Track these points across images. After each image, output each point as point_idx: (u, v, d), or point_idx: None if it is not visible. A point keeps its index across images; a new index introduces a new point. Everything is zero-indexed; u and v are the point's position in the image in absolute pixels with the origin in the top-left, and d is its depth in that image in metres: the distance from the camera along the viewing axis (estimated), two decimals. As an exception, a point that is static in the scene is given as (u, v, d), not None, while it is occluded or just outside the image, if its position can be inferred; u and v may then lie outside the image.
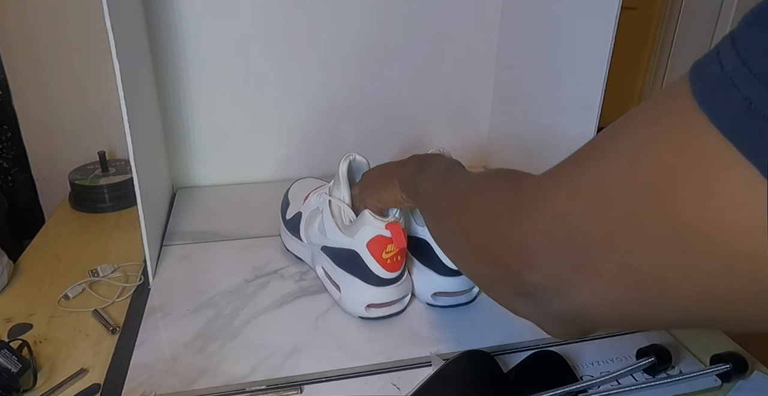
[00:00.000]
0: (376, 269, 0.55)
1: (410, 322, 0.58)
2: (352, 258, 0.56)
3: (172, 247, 0.72)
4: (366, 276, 0.56)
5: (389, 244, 0.54)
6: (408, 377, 0.51)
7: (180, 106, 0.86)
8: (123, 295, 0.63)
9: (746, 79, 0.19)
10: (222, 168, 0.92)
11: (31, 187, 0.93)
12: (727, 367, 0.50)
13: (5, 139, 0.89)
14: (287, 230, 0.69)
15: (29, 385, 0.49)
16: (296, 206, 0.68)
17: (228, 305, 0.60)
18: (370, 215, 0.54)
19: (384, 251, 0.54)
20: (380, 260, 0.55)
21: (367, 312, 0.57)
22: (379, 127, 0.94)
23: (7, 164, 0.91)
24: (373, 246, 0.55)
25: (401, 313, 0.59)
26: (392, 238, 0.54)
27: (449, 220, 0.40)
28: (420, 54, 0.91)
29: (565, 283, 0.27)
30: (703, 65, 0.21)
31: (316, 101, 0.91)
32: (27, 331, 0.57)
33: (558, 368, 0.51)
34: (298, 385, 0.49)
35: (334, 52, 0.88)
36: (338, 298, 0.59)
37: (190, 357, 0.52)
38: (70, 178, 0.85)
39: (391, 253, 0.55)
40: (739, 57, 0.19)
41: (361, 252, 0.55)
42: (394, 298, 0.57)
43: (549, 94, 0.79)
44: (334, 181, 0.60)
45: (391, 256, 0.55)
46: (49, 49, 0.85)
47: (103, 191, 0.83)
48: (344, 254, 0.57)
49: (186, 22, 0.81)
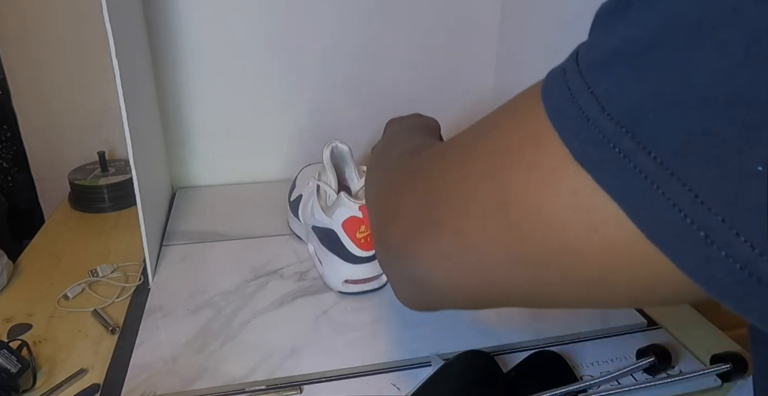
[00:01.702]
0: (352, 248, 0.59)
1: (410, 322, 0.58)
2: (332, 237, 0.60)
3: (171, 247, 0.72)
4: (343, 254, 0.59)
5: (362, 225, 0.58)
6: (408, 377, 0.51)
7: (180, 106, 0.86)
8: (123, 295, 0.63)
9: (573, 73, 0.21)
10: (222, 168, 0.92)
11: (31, 187, 0.93)
12: (727, 367, 0.50)
13: (5, 139, 0.89)
14: (290, 211, 0.74)
15: (29, 385, 0.49)
16: (300, 189, 0.73)
17: (228, 305, 0.60)
18: (345, 197, 0.58)
19: (358, 231, 0.58)
20: (355, 240, 0.58)
21: (345, 287, 0.60)
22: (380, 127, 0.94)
23: (6, 164, 0.91)
24: (347, 226, 0.58)
25: (380, 289, 0.62)
26: (364, 219, 0.58)
27: (370, 186, 0.44)
28: (421, 54, 0.91)
29: (414, 243, 0.29)
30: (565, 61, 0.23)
31: (316, 101, 0.91)
32: (26, 331, 0.57)
33: (558, 368, 0.51)
34: (298, 385, 0.49)
35: (335, 52, 0.88)
36: (321, 274, 0.63)
37: (190, 357, 0.52)
38: (70, 178, 0.85)
39: (365, 233, 0.58)
40: (576, 52, 0.22)
41: (338, 231, 0.59)
42: (370, 276, 0.60)
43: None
44: (322, 167, 0.66)
45: (365, 236, 0.58)
46: (48, 50, 0.85)
47: (103, 191, 0.83)
48: (326, 233, 0.61)
49: (186, 22, 0.81)
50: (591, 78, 0.20)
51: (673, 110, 0.17)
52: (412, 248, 0.29)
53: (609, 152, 0.19)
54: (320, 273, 0.64)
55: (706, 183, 0.17)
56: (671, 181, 0.17)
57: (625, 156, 0.18)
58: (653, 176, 0.18)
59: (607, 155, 0.19)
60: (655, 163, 0.17)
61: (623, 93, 0.19)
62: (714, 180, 0.16)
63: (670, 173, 0.17)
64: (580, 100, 0.20)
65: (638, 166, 0.18)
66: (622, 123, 0.18)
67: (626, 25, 0.19)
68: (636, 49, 0.18)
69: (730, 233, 0.16)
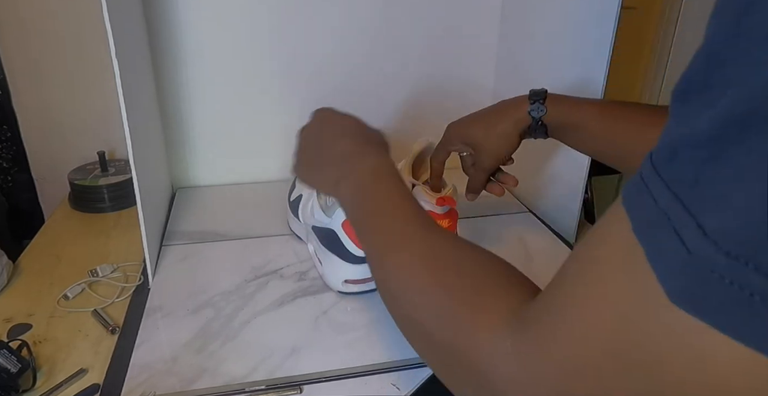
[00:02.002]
0: (352, 248, 0.59)
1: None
2: (332, 237, 0.60)
3: (171, 247, 0.72)
4: (343, 254, 0.59)
5: None
6: (408, 377, 0.50)
7: (180, 106, 0.86)
8: (122, 295, 0.63)
9: (685, 223, 0.18)
10: (222, 168, 0.92)
11: (31, 187, 0.93)
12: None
13: (5, 140, 0.89)
14: (290, 211, 0.73)
15: (29, 385, 0.49)
16: (299, 189, 0.73)
17: (228, 305, 0.60)
18: None
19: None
20: (354, 240, 0.58)
21: (345, 287, 0.60)
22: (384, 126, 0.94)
23: (6, 164, 0.91)
24: (347, 226, 0.58)
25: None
26: None
27: (415, 286, 0.36)
28: (421, 55, 0.91)
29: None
30: (636, 195, 0.21)
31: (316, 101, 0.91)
32: (26, 331, 0.57)
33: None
34: (298, 385, 0.49)
35: (334, 53, 0.88)
36: (321, 274, 0.63)
37: (190, 357, 0.52)
38: (70, 178, 0.85)
39: None
40: (670, 190, 0.19)
41: (338, 231, 0.59)
42: (369, 275, 0.59)
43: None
44: None
45: None
46: (48, 50, 0.85)
47: (103, 191, 0.83)
48: (326, 233, 0.61)
49: (186, 22, 0.81)
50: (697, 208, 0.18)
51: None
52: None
53: (730, 293, 0.17)
54: (320, 273, 0.64)
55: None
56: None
57: (752, 294, 0.16)
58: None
59: (726, 298, 0.17)
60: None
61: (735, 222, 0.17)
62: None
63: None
64: (688, 238, 0.18)
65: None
66: (741, 255, 0.17)
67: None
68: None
69: None
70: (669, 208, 0.19)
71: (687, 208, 0.18)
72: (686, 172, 0.19)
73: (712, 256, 0.17)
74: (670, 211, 0.19)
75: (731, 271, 0.17)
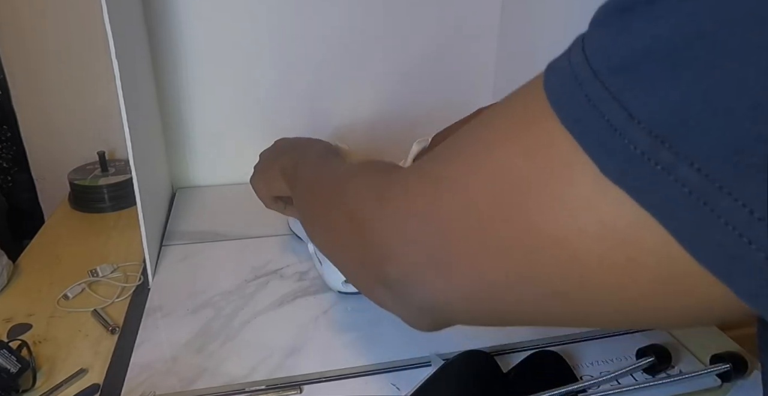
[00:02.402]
0: None
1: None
2: None
3: (171, 247, 0.72)
4: None
5: None
6: (408, 377, 0.51)
7: (180, 106, 0.86)
8: (122, 295, 0.63)
9: (589, 79, 0.18)
10: (222, 168, 0.92)
11: (31, 187, 0.93)
12: (727, 367, 0.50)
13: (5, 139, 0.89)
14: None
15: (28, 385, 0.49)
16: None
17: (227, 305, 0.60)
18: None
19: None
20: None
21: (345, 287, 0.60)
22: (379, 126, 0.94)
23: (6, 164, 0.91)
24: None
25: None
26: None
27: (318, 211, 0.41)
28: (421, 55, 0.91)
29: (420, 278, 0.27)
30: (556, 62, 0.21)
31: (315, 101, 0.91)
32: (26, 331, 0.57)
33: (558, 368, 0.51)
34: (298, 385, 0.49)
35: (334, 53, 0.88)
36: (321, 274, 0.63)
37: (190, 357, 0.52)
38: (70, 178, 0.85)
39: None
40: (584, 53, 0.19)
41: None
42: None
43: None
44: None
45: None
46: (48, 50, 0.85)
47: (103, 191, 0.83)
48: None
49: (185, 22, 0.81)
50: (615, 83, 0.18)
51: (721, 116, 0.15)
52: (420, 280, 0.28)
53: (645, 167, 0.17)
54: (320, 273, 0.64)
55: (762, 197, 0.15)
56: (721, 195, 0.15)
57: (663, 168, 0.16)
58: (699, 192, 0.16)
59: (642, 170, 0.17)
60: (699, 176, 0.16)
61: (658, 99, 0.16)
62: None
63: (718, 187, 0.15)
64: (604, 110, 0.18)
65: (680, 180, 0.16)
66: (658, 133, 0.16)
67: (655, 21, 0.17)
68: (674, 48, 0.16)
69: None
70: (585, 78, 0.19)
71: (614, 96, 0.18)
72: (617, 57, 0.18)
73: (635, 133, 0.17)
74: (595, 98, 0.18)
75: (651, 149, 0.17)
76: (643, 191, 0.17)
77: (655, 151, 0.16)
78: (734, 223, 0.15)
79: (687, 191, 0.16)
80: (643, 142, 0.17)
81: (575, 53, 0.20)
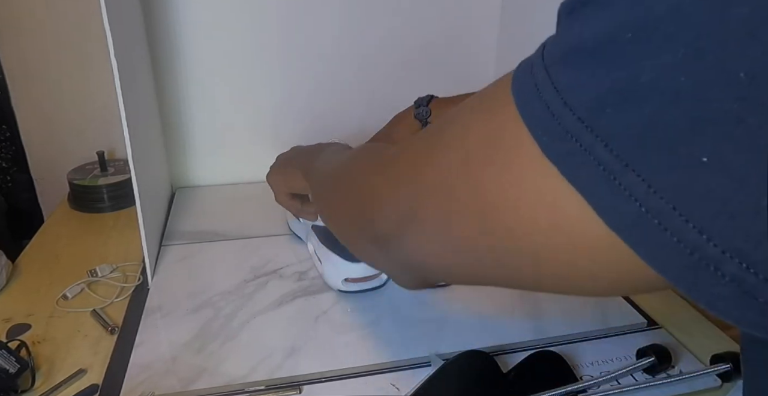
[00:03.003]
0: None
1: (410, 322, 0.58)
2: (332, 235, 0.60)
3: (171, 247, 0.72)
4: (343, 252, 0.59)
5: None
6: (407, 377, 0.50)
7: (179, 106, 0.86)
8: (122, 295, 0.63)
9: (539, 67, 0.21)
10: (221, 168, 0.92)
11: (30, 187, 0.93)
12: (727, 367, 0.50)
13: (4, 139, 0.89)
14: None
15: (28, 385, 0.49)
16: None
17: (227, 305, 0.60)
18: None
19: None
20: None
21: (345, 285, 0.60)
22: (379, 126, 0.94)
23: (6, 164, 0.91)
24: None
25: (380, 288, 0.62)
26: None
27: (327, 188, 0.45)
28: (421, 54, 0.91)
29: (400, 235, 0.31)
30: (523, 62, 0.24)
31: (315, 101, 0.91)
32: (25, 332, 0.57)
33: (558, 368, 0.51)
34: (298, 386, 0.49)
35: (334, 52, 0.88)
36: (321, 273, 0.63)
37: (189, 357, 0.52)
38: (69, 178, 0.85)
39: None
40: (542, 46, 0.23)
41: None
42: (370, 274, 0.60)
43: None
44: None
45: None
46: (47, 49, 0.85)
47: (102, 191, 0.83)
48: (326, 232, 0.62)
49: (185, 22, 0.81)
50: (553, 72, 0.21)
51: (626, 104, 0.18)
52: (400, 236, 0.31)
53: (572, 146, 0.19)
54: (320, 272, 0.64)
55: (657, 173, 0.17)
56: (626, 172, 0.18)
57: (585, 149, 0.19)
58: (611, 168, 0.18)
59: (570, 149, 0.19)
60: (611, 156, 0.18)
61: (582, 88, 0.19)
62: (664, 170, 0.17)
63: (624, 164, 0.18)
64: (545, 95, 0.20)
65: (597, 158, 0.19)
66: (582, 117, 0.19)
67: (584, 22, 0.20)
68: (592, 45, 0.19)
69: (680, 220, 0.17)
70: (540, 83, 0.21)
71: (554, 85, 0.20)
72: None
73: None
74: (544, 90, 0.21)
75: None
76: (569, 166, 0.20)
77: (580, 133, 0.19)
78: (636, 195, 0.18)
79: (602, 168, 0.19)
80: (571, 125, 0.19)
81: (540, 46, 0.23)
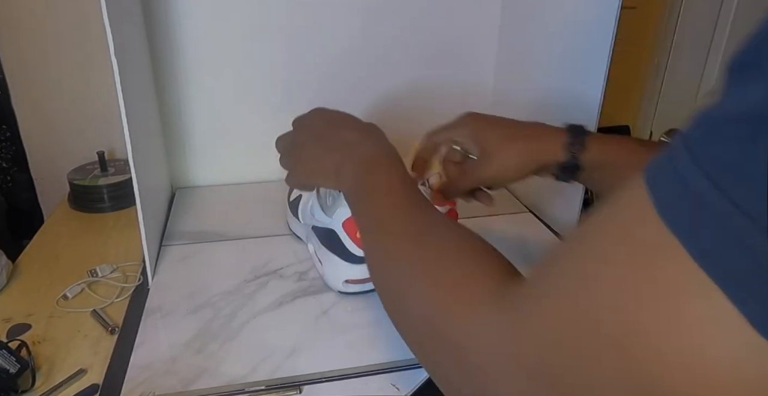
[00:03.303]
0: (352, 248, 0.59)
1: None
2: (332, 236, 0.60)
3: (171, 247, 0.71)
4: (344, 254, 0.59)
5: None
6: (408, 377, 0.50)
7: (179, 106, 0.86)
8: (122, 295, 0.63)
9: (714, 195, 0.17)
10: (221, 168, 0.92)
11: (30, 187, 0.93)
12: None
13: (4, 139, 0.89)
14: (290, 211, 0.73)
15: (28, 385, 0.49)
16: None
17: (227, 305, 0.60)
18: (345, 197, 0.57)
19: (358, 231, 0.57)
20: (355, 239, 0.58)
21: (345, 287, 0.60)
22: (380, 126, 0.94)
23: (6, 164, 0.91)
24: (348, 226, 0.58)
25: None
26: None
27: (409, 284, 0.36)
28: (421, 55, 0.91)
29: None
30: (658, 172, 0.20)
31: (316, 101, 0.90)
32: (26, 332, 0.57)
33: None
34: (298, 386, 0.49)
35: (334, 53, 0.88)
36: (321, 274, 0.63)
37: (190, 357, 0.52)
38: (69, 178, 0.85)
39: None
40: (701, 170, 0.18)
41: (338, 231, 0.59)
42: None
43: (548, 94, 0.79)
44: None
45: None
46: (47, 49, 0.85)
47: (102, 191, 0.83)
48: (326, 233, 0.61)
49: (185, 21, 0.81)
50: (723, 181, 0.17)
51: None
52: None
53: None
54: (320, 273, 0.64)
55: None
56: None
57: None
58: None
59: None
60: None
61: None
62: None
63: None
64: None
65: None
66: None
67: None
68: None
69: None
70: (703, 190, 0.17)
71: (723, 191, 0.17)
72: (725, 151, 0.17)
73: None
74: (706, 194, 0.17)
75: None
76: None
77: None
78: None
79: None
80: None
81: (685, 166, 0.19)
